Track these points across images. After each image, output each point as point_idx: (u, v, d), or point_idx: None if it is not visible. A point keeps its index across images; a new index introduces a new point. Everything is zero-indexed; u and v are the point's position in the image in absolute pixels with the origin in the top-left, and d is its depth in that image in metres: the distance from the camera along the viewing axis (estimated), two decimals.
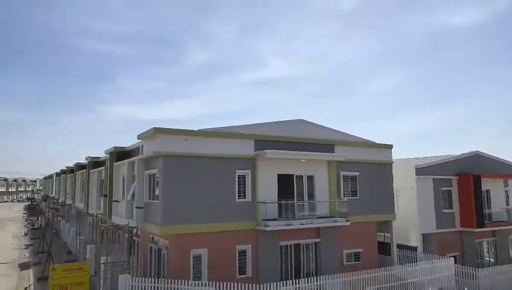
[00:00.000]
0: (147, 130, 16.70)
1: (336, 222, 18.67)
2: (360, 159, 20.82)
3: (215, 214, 16.29)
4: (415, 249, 22.02)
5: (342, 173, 20.19)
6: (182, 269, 15.31)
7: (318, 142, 19.56)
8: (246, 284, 13.99)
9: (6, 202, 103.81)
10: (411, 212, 22.75)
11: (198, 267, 15.86)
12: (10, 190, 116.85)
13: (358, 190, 20.69)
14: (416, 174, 23.04)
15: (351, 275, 16.38)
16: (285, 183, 18.49)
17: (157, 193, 16.47)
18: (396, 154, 22.72)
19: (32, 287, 18.96)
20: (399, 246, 22.04)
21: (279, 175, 18.30)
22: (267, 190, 17.66)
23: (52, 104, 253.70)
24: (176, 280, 14.19)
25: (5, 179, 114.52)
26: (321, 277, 15.74)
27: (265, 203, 17.22)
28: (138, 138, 18.19)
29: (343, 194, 20.14)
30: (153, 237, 17.23)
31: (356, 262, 19.82)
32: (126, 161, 20.29)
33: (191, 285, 14.18)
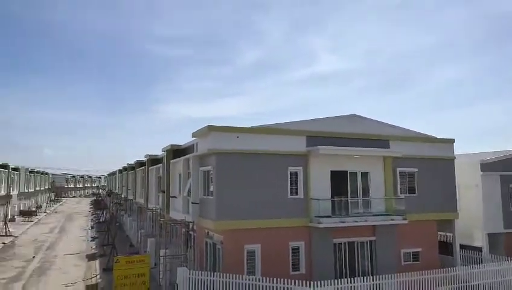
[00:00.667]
0: (201, 128, 17.18)
1: (392, 220, 18.02)
2: (418, 155, 19.90)
3: (268, 210, 16.41)
4: (479, 249, 20.67)
5: (398, 170, 19.43)
6: (236, 264, 15.62)
7: (372, 137, 18.98)
8: (300, 281, 13.95)
9: (74, 197, 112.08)
10: (475, 210, 21.38)
11: (252, 263, 16.09)
12: (78, 186, 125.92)
13: (416, 186, 19.80)
14: (482, 171, 21.60)
15: (410, 275, 15.74)
16: (339, 180, 18.17)
17: (211, 189, 16.91)
18: (456, 150, 21.39)
19: (98, 277, 20.33)
20: (462, 247, 20.80)
21: (332, 172, 18.01)
22: (320, 186, 17.46)
23: (113, 105, 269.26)
24: (231, 274, 14.50)
25: (73, 176, 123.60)
26: (378, 276, 15.29)
27: (318, 200, 17.04)
28: (193, 136, 18.77)
29: (400, 191, 19.38)
30: (208, 232, 17.73)
31: (415, 262, 19.00)
32: (182, 158, 21.02)
33: (246, 279, 14.42)
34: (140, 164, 35.93)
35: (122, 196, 49.76)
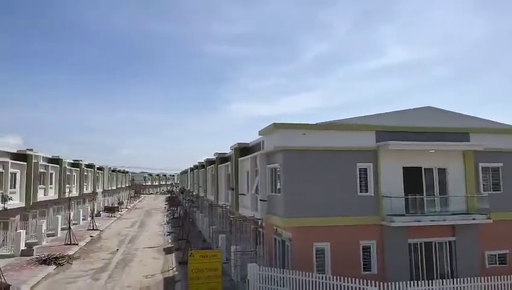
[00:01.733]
0: (267, 126, 17.35)
1: (474, 219, 16.69)
2: (503, 148, 18.19)
3: (337, 208, 16.11)
4: None
5: (481, 165, 17.93)
6: (305, 262, 15.56)
7: (449, 130, 17.72)
8: (373, 282, 13.51)
9: (151, 194, 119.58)
10: None
11: (322, 261, 15.90)
12: (154, 183, 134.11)
13: (501, 183, 18.14)
14: None
15: (495, 279, 14.46)
16: (412, 177, 17.23)
17: (279, 186, 17.01)
18: None
19: (174, 269, 21.50)
20: None
21: (404, 168, 17.15)
22: (392, 183, 16.71)
23: (181, 106, 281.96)
24: (300, 272, 14.48)
25: (150, 174, 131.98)
26: (458, 279, 14.26)
27: (390, 197, 16.34)
28: (259, 134, 19.02)
29: (483, 188, 17.88)
30: (276, 229, 17.88)
31: (502, 265, 17.43)
32: (249, 156, 21.42)
33: (316, 277, 14.30)
34: (209, 162, 37.25)
35: (194, 193, 52.00)
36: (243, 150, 23.93)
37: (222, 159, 30.92)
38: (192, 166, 57.65)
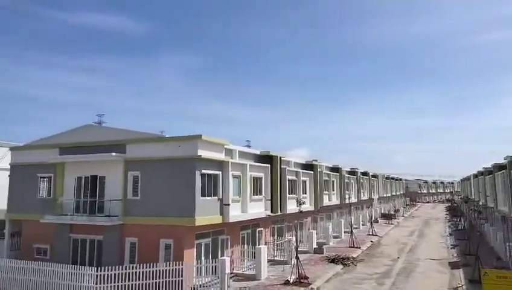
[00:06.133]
0: None
1: None
2: None
3: None
4: None
5: None
6: None
7: None
8: None
9: (428, 202, 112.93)
10: None
11: None
12: (430, 191, 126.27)
13: None
14: None
15: None
16: None
17: None
18: None
19: (464, 287, 19.38)
20: None
21: None
22: None
23: (456, 105, 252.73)
24: None
25: (426, 182, 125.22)
26: None
27: None
28: None
29: None
30: None
31: None
32: None
33: None
34: (499, 167, 31.88)
35: (480, 203, 45.63)
36: None
37: None
38: (475, 172, 50.93)
